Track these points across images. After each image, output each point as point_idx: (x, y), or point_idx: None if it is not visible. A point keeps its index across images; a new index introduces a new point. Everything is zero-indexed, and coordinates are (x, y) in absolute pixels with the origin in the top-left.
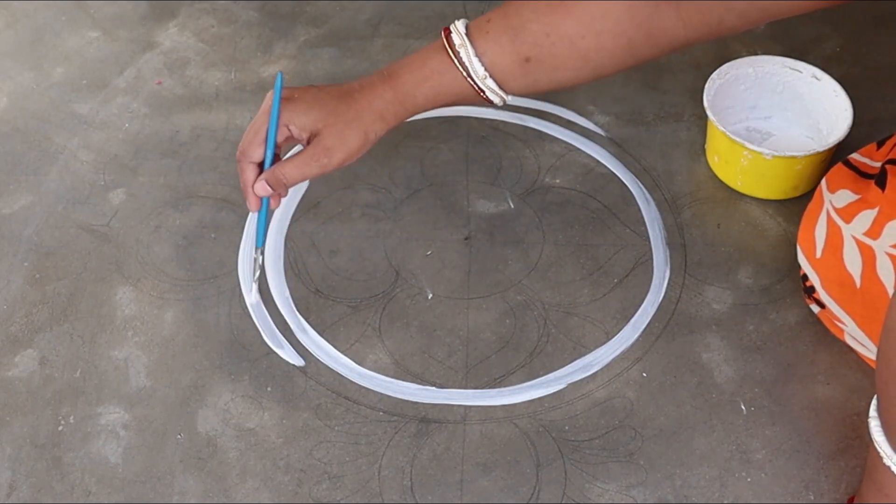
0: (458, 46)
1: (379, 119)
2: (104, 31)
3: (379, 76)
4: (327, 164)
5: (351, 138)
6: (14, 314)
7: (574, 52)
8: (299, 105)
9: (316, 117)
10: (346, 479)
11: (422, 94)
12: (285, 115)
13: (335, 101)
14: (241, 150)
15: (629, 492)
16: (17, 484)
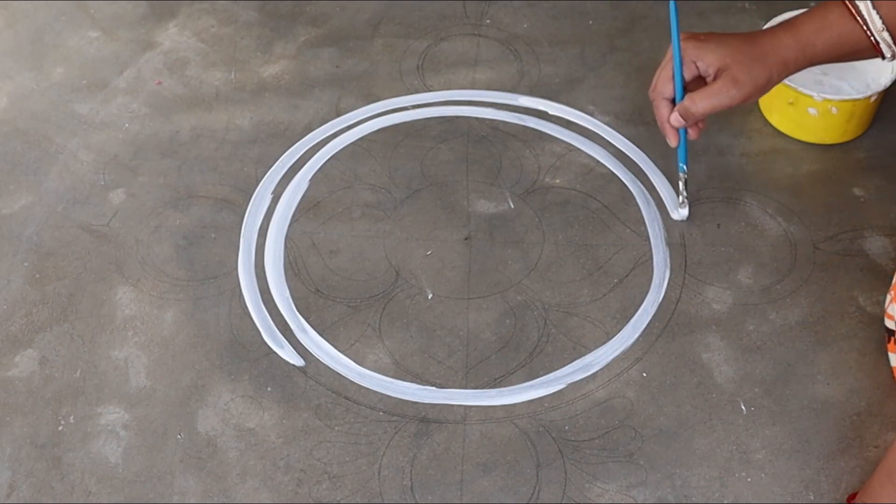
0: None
1: (781, 62)
2: (104, 31)
3: (780, 26)
4: (736, 96)
5: (758, 74)
6: (14, 314)
7: None
8: (707, 42)
9: (724, 53)
10: (346, 479)
11: (821, 42)
12: (693, 52)
13: (740, 41)
14: (652, 88)
15: (629, 492)
16: (17, 484)
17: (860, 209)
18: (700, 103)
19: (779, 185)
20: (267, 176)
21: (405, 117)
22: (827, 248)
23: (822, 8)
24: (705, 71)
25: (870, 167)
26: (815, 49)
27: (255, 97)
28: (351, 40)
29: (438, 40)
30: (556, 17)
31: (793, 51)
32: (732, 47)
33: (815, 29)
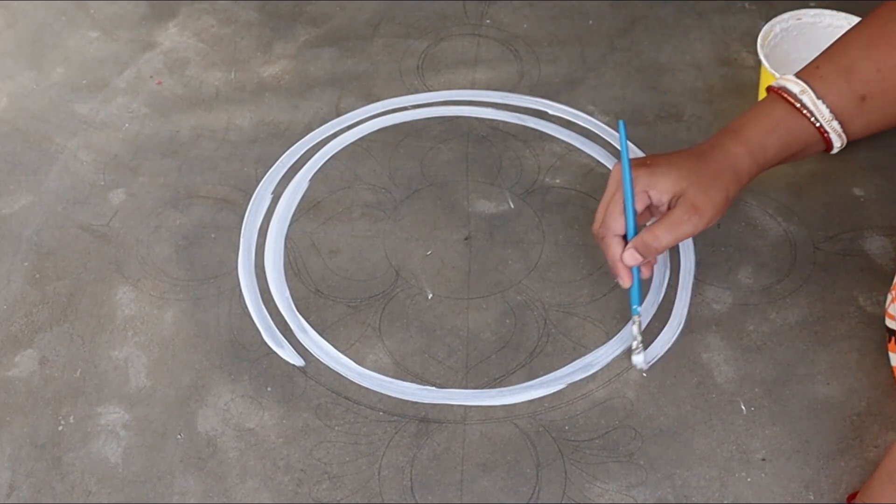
0: (799, 94)
1: (735, 176)
2: (104, 31)
3: (723, 135)
4: (698, 224)
5: (716, 195)
6: (14, 314)
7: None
8: (657, 168)
9: (678, 177)
10: (346, 479)
11: (771, 144)
12: (645, 181)
13: (691, 161)
14: (600, 225)
15: (629, 492)
16: (17, 484)
17: (860, 209)
18: (662, 236)
19: (779, 185)
20: (267, 176)
21: (405, 117)
22: (827, 248)
23: (763, 108)
24: (658, 199)
25: (870, 167)
26: (767, 154)
27: (255, 97)
28: (351, 40)
29: (438, 40)
30: (556, 17)
31: (745, 160)
32: (685, 169)
33: (764, 132)
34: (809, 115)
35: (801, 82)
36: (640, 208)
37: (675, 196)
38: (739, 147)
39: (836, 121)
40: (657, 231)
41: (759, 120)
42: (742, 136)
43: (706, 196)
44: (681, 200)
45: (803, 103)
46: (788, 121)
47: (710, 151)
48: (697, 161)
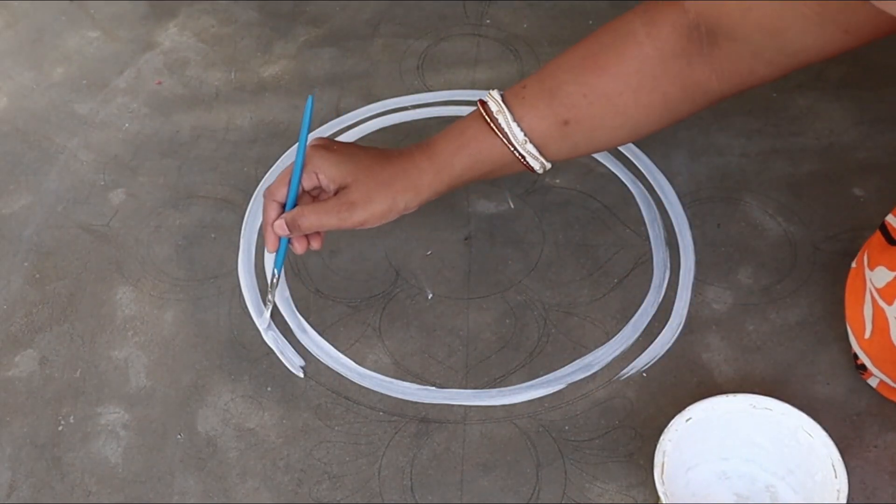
0: (495, 113)
1: (411, 188)
2: (104, 31)
3: (417, 146)
4: (346, 219)
5: (378, 200)
6: (14, 314)
7: (612, 111)
8: (332, 155)
9: (346, 170)
10: (346, 479)
11: (459, 162)
12: (316, 162)
13: (370, 159)
14: (267, 188)
15: (629, 492)
16: (17, 484)
17: (860, 209)
18: (308, 217)
19: (779, 185)
20: (267, 176)
21: (405, 117)
22: (827, 248)
23: (460, 124)
24: (326, 185)
25: (870, 167)
26: (454, 170)
27: (255, 97)
28: (351, 40)
29: (438, 40)
30: (556, 17)
31: (428, 174)
32: (359, 165)
33: (453, 149)
34: (503, 136)
35: (501, 102)
36: (308, 186)
37: (339, 187)
38: (425, 161)
39: (532, 144)
40: (306, 210)
41: (451, 136)
42: (431, 150)
43: (365, 198)
44: (341, 192)
45: (498, 123)
46: (479, 140)
47: (396, 157)
48: (377, 161)
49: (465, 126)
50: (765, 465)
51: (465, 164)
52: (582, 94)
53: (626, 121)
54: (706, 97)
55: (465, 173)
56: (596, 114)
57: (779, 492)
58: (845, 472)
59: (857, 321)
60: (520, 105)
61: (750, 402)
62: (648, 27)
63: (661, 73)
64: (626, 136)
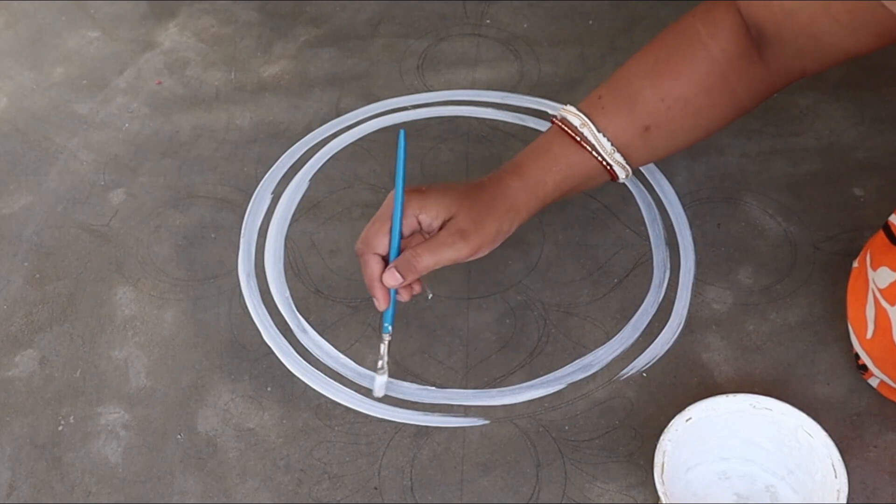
0: (579, 127)
1: (512, 209)
2: (104, 31)
3: (503, 170)
4: (462, 249)
5: (487, 224)
6: (14, 314)
7: (688, 113)
8: (431, 193)
9: (450, 202)
10: (346, 479)
11: (551, 179)
12: (416, 204)
13: (465, 188)
14: (363, 242)
15: (629, 492)
16: (17, 484)
17: (860, 209)
18: (423, 257)
19: (779, 185)
20: (267, 176)
21: (405, 117)
22: (827, 248)
23: (544, 142)
24: (429, 225)
25: (870, 167)
26: (547, 188)
27: (255, 97)
28: (351, 40)
29: (438, 40)
30: (556, 17)
31: (523, 194)
32: (459, 195)
33: (543, 167)
34: (591, 148)
35: (582, 115)
36: (407, 232)
37: (445, 221)
38: (517, 182)
39: (619, 153)
40: (420, 250)
41: (538, 154)
42: (521, 172)
43: (475, 224)
44: (448, 224)
45: (584, 136)
46: (568, 155)
47: (488, 184)
48: (473, 190)
49: (548, 144)
50: (765, 465)
51: (557, 180)
52: (659, 98)
53: (701, 121)
54: (769, 90)
55: (557, 189)
56: (674, 117)
57: (779, 492)
58: (845, 472)
59: (859, 321)
60: (601, 116)
61: (750, 402)
62: (710, 28)
63: (730, 73)
64: (701, 136)
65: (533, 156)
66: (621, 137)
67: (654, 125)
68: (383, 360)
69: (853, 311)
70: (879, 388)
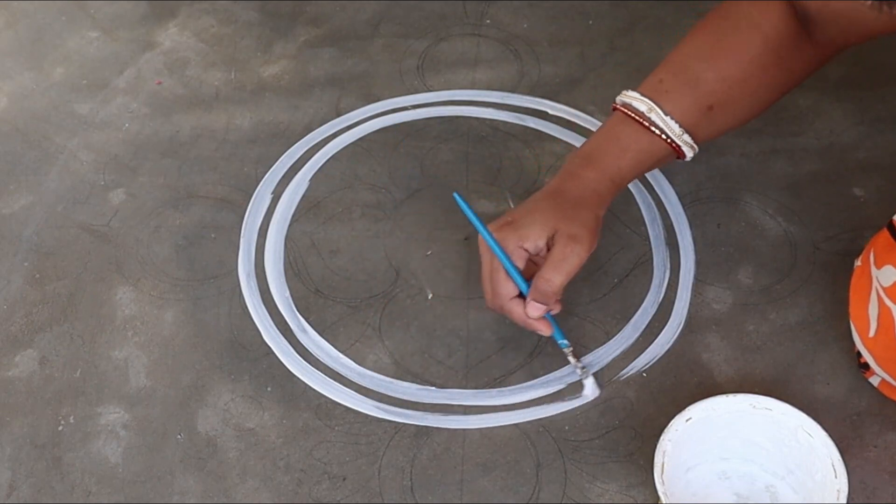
0: (647, 112)
1: (598, 200)
2: (104, 31)
3: (574, 165)
4: (582, 252)
5: (587, 220)
6: (14, 314)
7: (747, 91)
8: (520, 221)
9: (544, 219)
10: (346, 480)
11: (626, 164)
12: (514, 238)
13: (550, 199)
14: (494, 298)
15: (629, 492)
16: (17, 484)
17: (860, 209)
18: (553, 278)
19: (779, 185)
20: (267, 176)
21: (405, 117)
22: (827, 248)
23: (611, 130)
24: (535, 248)
25: (870, 167)
26: (623, 173)
27: (255, 97)
28: (351, 40)
29: (438, 40)
30: (556, 17)
31: (602, 183)
32: (548, 209)
33: (616, 155)
34: (660, 132)
35: (648, 100)
36: (522, 265)
37: (549, 238)
38: (594, 173)
39: (687, 133)
40: (546, 274)
41: (609, 143)
42: (595, 163)
43: (578, 223)
44: (556, 237)
45: (652, 121)
46: (640, 140)
47: (566, 184)
48: (556, 197)
49: (616, 132)
50: (765, 465)
51: (631, 164)
52: (720, 79)
53: (759, 98)
54: (819, 63)
55: (631, 173)
56: (735, 96)
57: (779, 492)
58: (845, 472)
59: (862, 319)
60: (666, 99)
61: (750, 402)
62: (759, 10)
63: (782, 50)
64: (759, 111)
65: (604, 146)
66: (688, 119)
67: (717, 105)
68: (579, 367)
69: (855, 310)
70: (880, 387)
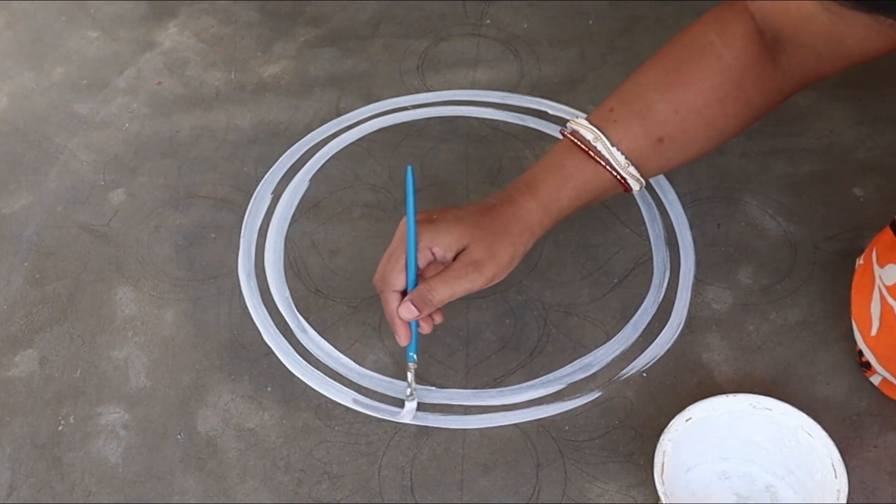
0: (592, 141)
1: (526, 230)
2: (104, 31)
3: (514, 189)
4: (476, 279)
5: (500, 251)
6: (14, 314)
7: (702, 123)
8: (441, 224)
9: (461, 232)
10: (346, 479)
11: (565, 195)
12: (427, 237)
13: (478, 215)
14: (380, 279)
15: (629, 492)
16: (17, 484)
17: (860, 209)
18: (438, 290)
19: (779, 185)
20: (267, 176)
21: (405, 117)
22: (827, 248)
23: (556, 157)
24: (443, 256)
25: (870, 167)
26: (561, 204)
27: (255, 97)
28: (351, 40)
29: (438, 40)
30: (556, 17)
31: (537, 213)
32: (470, 224)
33: (556, 184)
34: (605, 163)
35: (595, 129)
36: (422, 264)
37: (457, 252)
38: (531, 201)
39: (633, 166)
40: (433, 283)
41: (551, 170)
42: (534, 190)
43: (488, 253)
44: (461, 255)
45: (598, 151)
46: (582, 170)
47: (500, 206)
48: (484, 216)
49: (560, 159)
50: (765, 465)
51: (571, 196)
52: (673, 111)
53: (714, 130)
54: (781, 95)
55: (570, 205)
56: (688, 128)
57: (779, 492)
58: (845, 472)
59: (864, 318)
60: (614, 129)
61: (750, 402)
62: (723, 38)
63: (744, 81)
64: (714, 145)
65: (545, 172)
66: (635, 150)
67: (668, 137)
68: (412, 388)
69: (857, 308)
70: (881, 386)
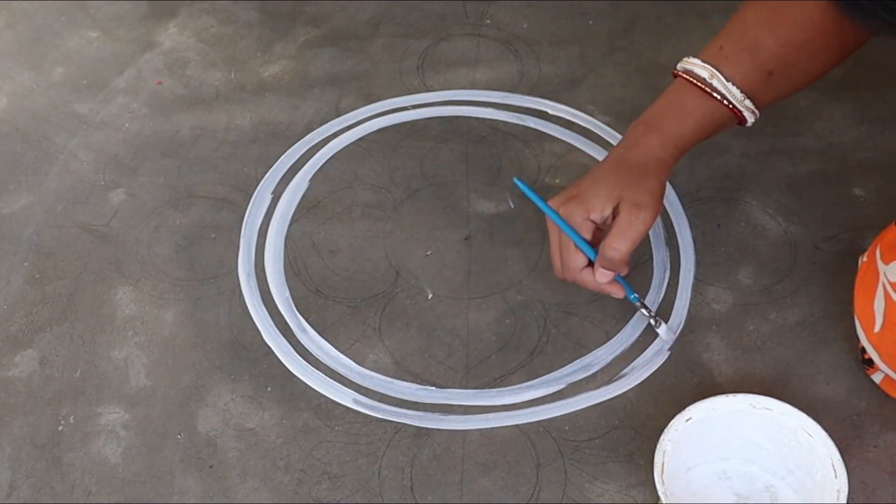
0: (708, 78)
1: (661, 164)
2: (104, 31)
3: (637, 133)
4: (647, 218)
5: (652, 187)
6: (14, 314)
7: (807, 56)
8: (585, 193)
9: (607, 189)
10: (346, 479)
11: (688, 131)
12: (580, 210)
13: (613, 169)
14: (564, 270)
15: (629, 492)
16: (17, 484)
17: (860, 209)
18: (619, 245)
19: (779, 185)
20: (267, 176)
21: (405, 117)
22: (827, 248)
23: (674, 96)
24: (601, 218)
25: (870, 167)
26: (685, 139)
27: (255, 97)
28: (351, 40)
29: (438, 40)
30: (556, 17)
31: (665, 149)
32: (611, 178)
33: (678, 121)
34: (722, 98)
35: (709, 66)
36: (589, 236)
37: (614, 207)
38: (657, 139)
39: (748, 99)
40: (613, 243)
41: (671, 109)
42: (658, 129)
43: (642, 190)
44: (621, 205)
45: (714, 87)
46: (702, 106)
47: (630, 152)
48: (619, 166)
49: (678, 98)
50: (765, 465)
51: (693, 130)
52: (780, 45)
53: (819, 62)
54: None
55: (693, 139)
56: (794, 60)
57: (779, 492)
58: (845, 472)
59: (867, 315)
60: (727, 66)
61: (750, 402)
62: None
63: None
64: (817, 76)
65: (666, 112)
66: (748, 84)
67: (777, 70)
68: (653, 317)
69: (860, 305)
70: (882, 384)
